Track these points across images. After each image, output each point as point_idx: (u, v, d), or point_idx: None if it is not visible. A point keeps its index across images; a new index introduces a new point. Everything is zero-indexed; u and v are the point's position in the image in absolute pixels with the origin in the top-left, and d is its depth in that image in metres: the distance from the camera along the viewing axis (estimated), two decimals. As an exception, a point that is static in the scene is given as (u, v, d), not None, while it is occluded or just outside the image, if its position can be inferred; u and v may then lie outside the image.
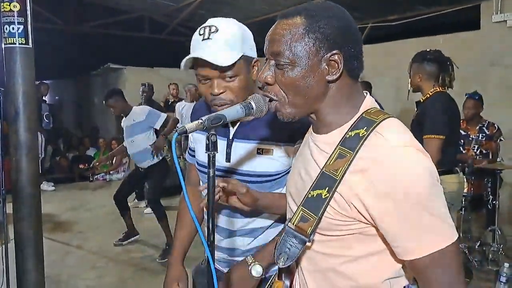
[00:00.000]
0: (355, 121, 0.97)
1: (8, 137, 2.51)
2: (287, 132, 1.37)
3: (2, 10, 2.39)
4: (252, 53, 1.38)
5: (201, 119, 1.01)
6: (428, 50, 3.01)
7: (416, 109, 3.06)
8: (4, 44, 2.42)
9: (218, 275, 1.35)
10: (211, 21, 1.34)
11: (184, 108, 6.50)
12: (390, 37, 7.41)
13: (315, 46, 0.94)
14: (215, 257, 1.37)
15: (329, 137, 1.00)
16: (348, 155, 0.92)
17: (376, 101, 1.08)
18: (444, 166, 2.81)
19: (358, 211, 0.92)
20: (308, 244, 0.97)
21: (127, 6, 9.27)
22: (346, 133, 0.96)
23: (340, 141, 0.96)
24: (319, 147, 1.02)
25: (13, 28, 2.40)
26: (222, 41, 1.29)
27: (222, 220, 1.52)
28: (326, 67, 0.95)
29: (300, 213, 0.97)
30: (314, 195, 0.95)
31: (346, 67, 0.96)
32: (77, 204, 6.70)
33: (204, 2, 8.07)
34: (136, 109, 4.61)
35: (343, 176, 0.92)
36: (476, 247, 4.12)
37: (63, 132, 10.77)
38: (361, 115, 0.98)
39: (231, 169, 1.44)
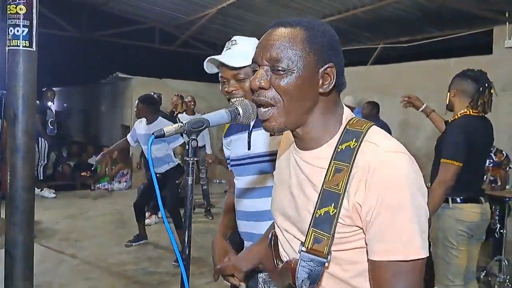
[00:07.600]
0: (341, 134, 1.00)
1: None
2: None
3: (8, 12, 2.36)
4: None
5: (182, 122, 1.04)
6: (473, 69, 2.76)
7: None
8: (8, 46, 2.39)
9: None
10: (235, 37, 1.68)
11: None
12: (401, 58, 7.37)
13: (313, 57, 0.96)
14: None
15: (319, 152, 1.01)
16: (345, 167, 0.94)
17: (385, 123, 1.04)
18: (464, 193, 2.62)
19: (359, 216, 0.93)
20: (326, 264, 0.96)
21: (139, 16, 9.34)
22: (336, 147, 0.98)
23: (332, 156, 0.97)
24: (310, 163, 1.02)
25: (17, 31, 2.36)
26: (237, 51, 1.63)
27: (246, 225, 1.72)
28: (320, 79, 0.98)
29: (312, 235, 0.96)
30: (322, 214, 0.95)
31: (336, 81, 0.99)
32: (76, 212, 6.63)
33: (215, 16, 8.11)
34: (163, 123, 4.58)
35: (345, 189, 0.93)
36: (482, 277, 3.97)
37: (67, 139, 10.76)
38: (345, 127, 1.01)
39: (252, 155, 1.70)
